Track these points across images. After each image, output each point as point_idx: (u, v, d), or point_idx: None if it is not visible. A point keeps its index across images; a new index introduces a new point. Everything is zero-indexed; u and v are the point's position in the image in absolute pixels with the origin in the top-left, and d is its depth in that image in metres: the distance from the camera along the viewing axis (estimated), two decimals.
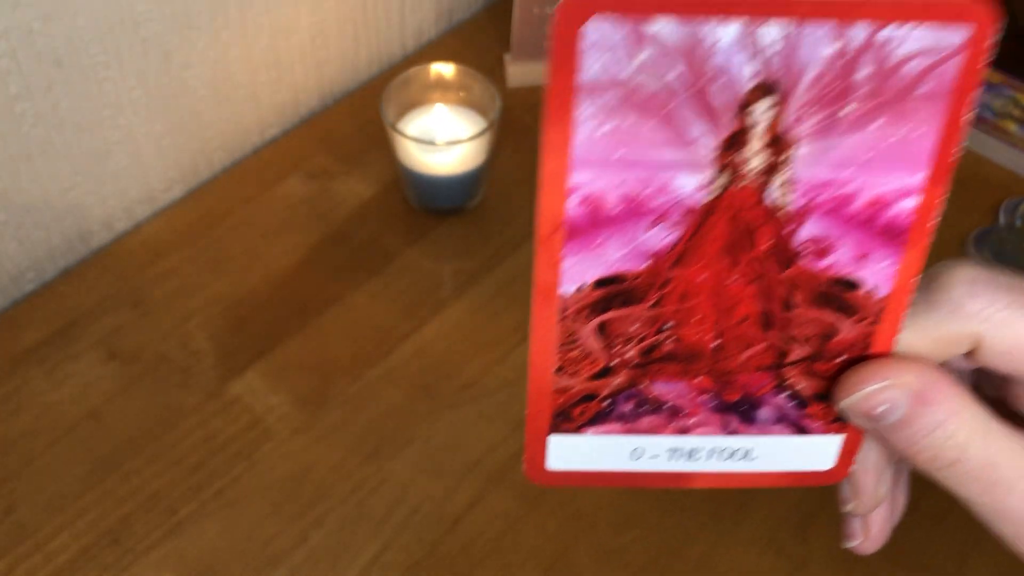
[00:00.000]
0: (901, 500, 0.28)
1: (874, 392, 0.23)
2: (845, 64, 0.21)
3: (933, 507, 0.56)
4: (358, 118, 0.76)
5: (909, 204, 0.23)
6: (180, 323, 0.64)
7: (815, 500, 0.57)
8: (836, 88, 0.21)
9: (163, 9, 0.63)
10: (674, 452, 0.26)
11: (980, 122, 0.75)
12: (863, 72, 0.21)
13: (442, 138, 0.67)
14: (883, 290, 0.24)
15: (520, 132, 0.74)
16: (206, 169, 0.73)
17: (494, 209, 0.71)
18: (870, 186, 0.22)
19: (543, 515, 0.56)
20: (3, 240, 0.64)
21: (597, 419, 0.26)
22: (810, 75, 0.21)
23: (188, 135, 0.70)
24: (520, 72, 0.78)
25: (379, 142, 0.73)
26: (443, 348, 0.63)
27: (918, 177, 0.22)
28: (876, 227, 0.23)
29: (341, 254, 0.68)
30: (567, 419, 0.26)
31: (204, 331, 0.63)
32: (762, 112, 0.21)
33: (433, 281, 0.67)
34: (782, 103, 0.21)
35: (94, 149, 0.65)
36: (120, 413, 0.60)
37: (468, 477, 0.57)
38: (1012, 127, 0.74)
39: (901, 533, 0.56)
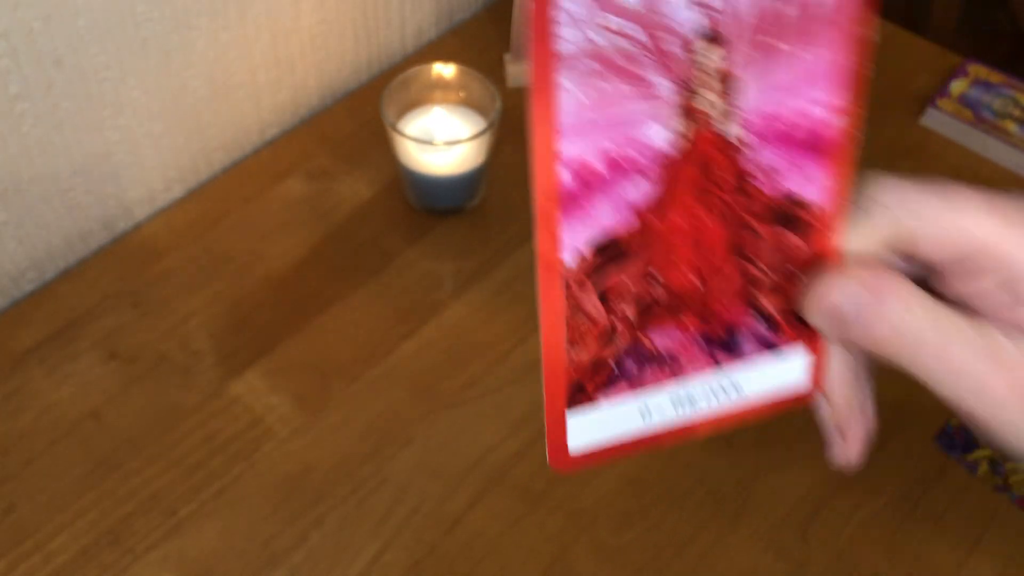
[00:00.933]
0: (869, 410, 0.31)
1: (831, 288, 0.26)
2: (777, 6, 0.23)
3: (933, 506, 0.56)
4: (358, 118, 0.76)
5: (833, 121, 0.25)
6: (180, 323, 0.64)
7: (815, 500, 0.57)
8: (771, 30, 0.24)
9: (163, 9, 0.63)
10: (677, 401, 0.28)
11: (980, 122, 0.75)
12: (791, 11, 0.24)
13: (442, 138, 0.67)
14: (826, 204, 0.26)
15: (520, 132, 0.74)
16: (206, 169, 0.73)
17: (494, 209, 0.71)
18: (799, 109, 0.25)
19: (543, 515, 0.56)
20: (3, 240, 0.64)
21: (609, 383, 0.27)
22: (750, 21, 0.23)
23: (188, 135, 0.70)
24: (520, 72, 0.78)
25: (379, 142, 0.73)
26: (443, 348, 0.63)
27: (834, 95, 0.25)
28: (810, 146, 0.26)
29: (341, 254, 0.68)
30: (582, 390, 0.27)
31: (204, 331, 0.63)
32: (714, 60, 0.24)
33: (433, 281, 0.67)
34: (730, 50, 0.24)
35: (94, 149, 0.65)
36: (120, 413, 0.60)
37: (468, 477, 0.58)
38: (1012, 127, 0.74)
39: (901, 532, 0.56)
